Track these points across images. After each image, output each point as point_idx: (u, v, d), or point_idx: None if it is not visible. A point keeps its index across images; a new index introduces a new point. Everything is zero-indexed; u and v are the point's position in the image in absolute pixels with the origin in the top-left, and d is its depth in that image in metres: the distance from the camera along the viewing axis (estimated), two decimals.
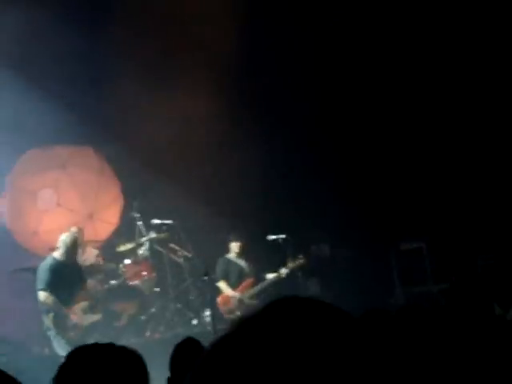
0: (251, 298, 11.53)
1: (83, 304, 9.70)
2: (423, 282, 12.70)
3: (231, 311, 11.45)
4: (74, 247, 9.80)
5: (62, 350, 9.41)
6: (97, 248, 12.09)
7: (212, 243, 12.24)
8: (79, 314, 9.62)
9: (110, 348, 2.67)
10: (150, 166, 12.59)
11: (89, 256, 11.61)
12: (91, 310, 9.77)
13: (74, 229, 11.10)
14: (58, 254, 9.71)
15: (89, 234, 11.82)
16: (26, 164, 12.37)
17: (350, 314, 1.22)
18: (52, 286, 9.50)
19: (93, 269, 11.30)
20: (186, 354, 4.35)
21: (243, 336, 1.21)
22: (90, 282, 10.55)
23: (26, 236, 12.05)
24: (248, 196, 12.93)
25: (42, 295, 9.52)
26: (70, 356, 2.63)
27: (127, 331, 11.29)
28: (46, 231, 11.34)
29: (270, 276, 11.61)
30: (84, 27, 12.05)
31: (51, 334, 9.56)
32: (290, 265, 11.50)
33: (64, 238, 9.73)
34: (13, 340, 10.93)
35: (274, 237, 11.75)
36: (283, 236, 11.67)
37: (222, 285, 11.60)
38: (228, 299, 11.55)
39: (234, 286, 11.62)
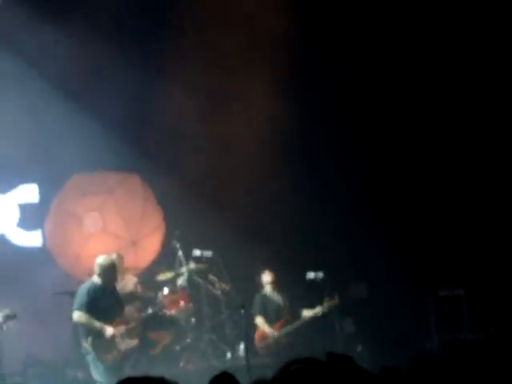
0: (287, 335, 11.50)
1: (121, 328, 9.74)
2: (459, 330, 12.55)
3: (267, 347, 11.44)
4: (111, 271, 9.79)
5: (99, 375, 9.46)
6: (136, 275, 12.17)
7: (250, 277, 12.26)
8: (117, 339, 9.65)
9: (160, 382, 2.63)
10: (193, 197, 12.69)
11: (128, 283, 11.68)
12: (128, 335, 9.81)
13: (114, 254, 11.21)
14: (95, 278, 9.76)
15: (130, 261, 11.92)
16: (73, 188, 12.52)
17: None
18: (88, 309, 9.51)
19: (131, 296, 11.36)
20: None
21: None
22: (128, 309, 10.60)
23: (68, 259, 12.16)
24: (289, 233, 12.96)
25: (76, 315, 9.55)
26: None
27: (161, 360, 11.31)
28: (89, 255, 11.41)
29: (306, 314, 11.58)
30: (138, 58, 12.24)
31: (89, 358, 9.58)
32: (326, 304, 11.46)
33: (100, 262, 9.76)
34: (51, 363, 11.02)
35: (312, 274, 11.71)
36: (322, 274, 11.63)
37: (259, 320, 11.59)
38: (265, 335, 11.53)
39: (270, 323, 11.61)
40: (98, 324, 9.49)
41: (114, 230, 12.34)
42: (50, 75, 11.96)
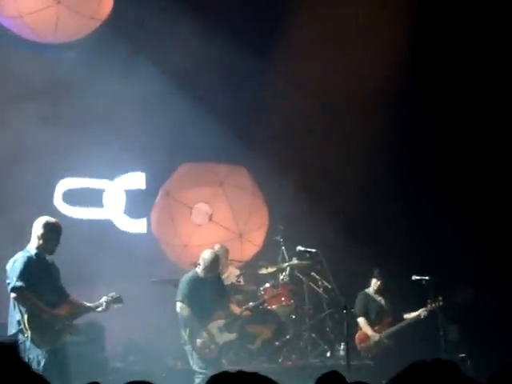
0: (388, 338, 11.29)
1: (219, 322, 9.72)
2: None
3: (367, 349, 11.25)
4: (214, 265, 9.79)
5: (197, 366, 9.47)
6: (238, 268, 12.18)
7: (353, 277, 12.09)
8: (215, 332, 9.65)
9: (254, 377, 2.59)
10: (299, 193, 12.59)
11: (230, 275, 11.70)
12: (227, 329, 9.78)
13: (217, 247, 11.22)
14: (199, 270, 9.77)
15: (235, 254, 11.94)
16: (183, 177, 12.60)
17: None
18: (190, 300, 9.55)
19: (232, 288, 11.37)
20: None
21: None
22: (233, 302, 10.58)
23: (176, 248, 12.25)
24: (397, 234, 12.72)
25: (179, 306, 9.57)
26: (213, 381, 2.58)
27: (260, 355, 11.28)
28: (196, 245, 11.47)
29: (409, 316, 11.35)
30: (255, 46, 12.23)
31: (187, 349, 9.62)
32: (429, 306, 11.19)
33: (205, 256, 9.77)
34: (148, 350, 11.13)
35: (417, 277, 11.46)
36: (427, 278, 11.37)
37: (361, 321, 11.41)
38: (366, 337, 11.34)
39: (372, 324, 11.42)
40: (197, 323, 9.51)
41: (223, 221, 12.38)
42: (165, 65, 12.08)
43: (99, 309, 8.30)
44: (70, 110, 11.57)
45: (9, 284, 7.84)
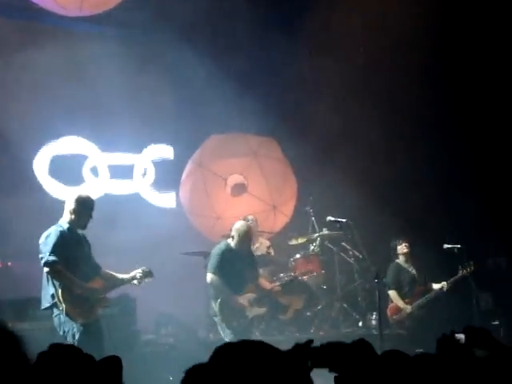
0: (420, 308, 11.22)
1: (250, 295, 9.70)
2: None
3: (400, 321, 11.20)
4: (247, 237, 9.76)
5: (228, 337, 9.48)
6: (268, 239, 12.16)
7: (384, 246, 12.03)
8: (246, 305, 9.64)
9: (258, 346, 2.58)
10: (328, 162, 12.50)
11: (260, 246, 11.69)
12: (257, 302, 9.76)
13: (250, 216, 11.21)
14: (231, 241, 9.74)
15: (268, 225, 11.92)
16: (215, 148, 12.51)
17: None
18: (222, 272, 9.53)
19: (263, 259, 11.36)
20: (356, 354, 4.19)
21: None
22: (263, 275, 10.56)
23: (207, 220, 12.16)
24: (428, 203, 12.60)
25: (210, 277, 9.55)
26: (216, 352, 2.55)
27: (292, 325, 11.28)
28: (231, 217, 11.39)
29: (439, 286, 11.28)
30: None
31: (217, 320, 9.63)
32: (460, 273, 11.12)
33: (238, 227, 9.73)
34: (183, 323, 11.17)
35: (449, 246, 11.38)
36: (459, 246, 11.28)
37: (393, 294, 11.34)
38: (398, 309, 11.28)
39: (404, 294, 11.34)
40: (228, 291, 9.49)
41: (258, 193, 12.33)
42: (192, 35, 12.03)
43: (134, 281, 8.33)
44: (96, 84, 11.54)
45: (42, 258, 7.88)
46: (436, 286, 11.27)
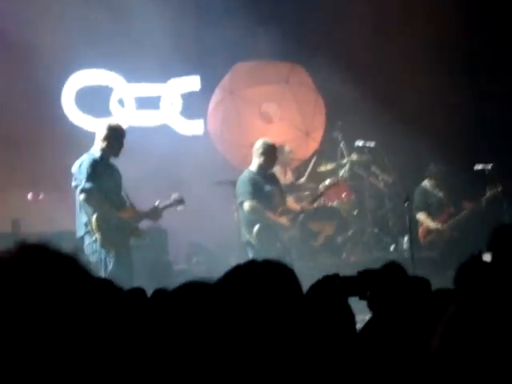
0: (451, 229, 11.16)
1: (282, 219, 9.66)
2: None
3: (431, 243, 11.16)
4: (272, 154, 9.60)
5: None
6: (297, 167, 12.09)
7: (414, 169, 11.93)
8: (279, 228, 9.58)
9: (267, 265, 2.64)
10: (355, 86, 12.28)
11: (290, 174, 11.63)
12: (290, 226, 9.74)
13: (287, 148, 11.16)
14: (254, 166, 9.61)
15: (300, 152, 11.84)
16: (244, 76, 12.30)
17: None
18: (255, 198, 9.40)
19: (294, 186, 11.31)
20: (387, 277, 4.16)
21: None
22: (290, 199, 10.51)
23: (240, 149, 11.95)
24: (458, 124, 12.41)
25: (248, 205, 9.36)
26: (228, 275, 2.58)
27: (323, 251, 11.27)
28: None
29: (470, 206, 11.19)
30: None
31: (249, 248, 9.56)
32: (489, 194, 11.02)
33: (266, 142, 9.60)
34: (214, 252, 11.21)
35: (480, 166, 11.25)
36: (490, 165, 11.15)
37: (421, 216, 11.27)
38: (429, 231, 11.23)
39: (434, 218, 11.27)
40: (266, 219, 9.40)
41: (291, 120, 12.19)
42: None
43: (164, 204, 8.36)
44: (124, 15, 11.36)
45: (77, 186, 7.86)
46: (471, 205, 11.18)
